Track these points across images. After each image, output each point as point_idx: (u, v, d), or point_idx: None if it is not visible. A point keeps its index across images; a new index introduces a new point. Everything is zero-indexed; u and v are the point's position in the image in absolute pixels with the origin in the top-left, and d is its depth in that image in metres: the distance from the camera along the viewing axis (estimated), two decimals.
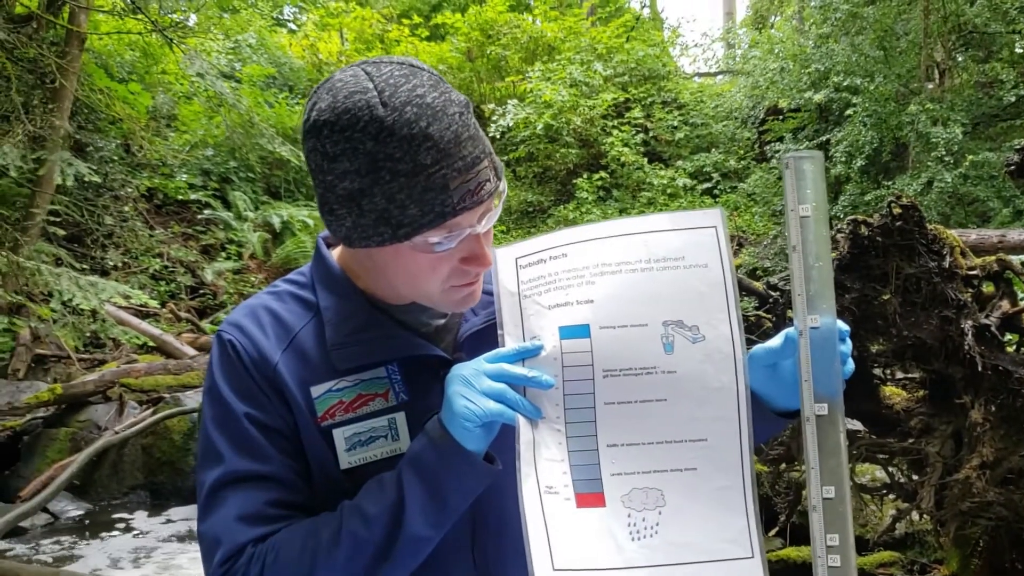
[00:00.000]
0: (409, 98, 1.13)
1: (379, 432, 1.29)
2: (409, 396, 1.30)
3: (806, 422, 1.22)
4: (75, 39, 9.96)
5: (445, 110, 1.15)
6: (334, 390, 1.28)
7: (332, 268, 1.35)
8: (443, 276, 1.23)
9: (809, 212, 1.21)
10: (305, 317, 1.33)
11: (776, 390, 1.34)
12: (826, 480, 1.21)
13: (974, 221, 11.57)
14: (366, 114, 1.12)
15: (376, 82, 1.14)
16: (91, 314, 9.37)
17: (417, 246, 1.19)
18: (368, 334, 1.30)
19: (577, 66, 17.95)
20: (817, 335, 1.22)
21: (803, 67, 14.70)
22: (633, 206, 16.89)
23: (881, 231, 2.96)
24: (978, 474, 3.04)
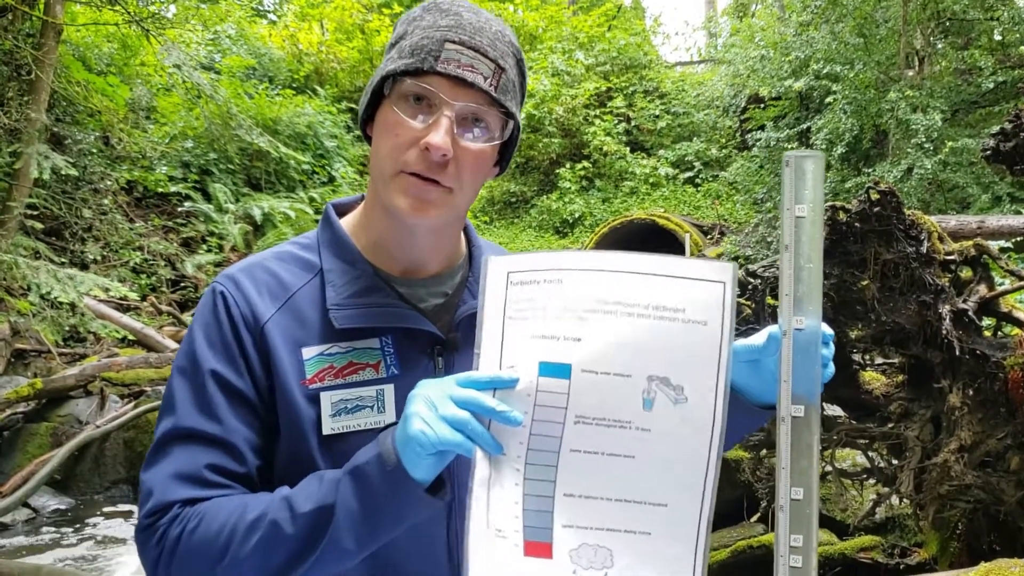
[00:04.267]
0: (468, 5, 1.29)
1: (366, 402, 1.28)
2: (400, 370, 1.30)
3: (781, 422, 1.22)
4: (51, 30, 9.85)
5: (489, 19, 1.29)
6: (326, 354, 1.28)
7: (339, 232, 1.38)
8: (402, 147, 1.24)
9: (805, 213, 1.20)
10: (305, 277, 1.34)
11: (757, 385, 1.36)
12: (795, 481, 1.21)
13: (954, 207, 11.63)
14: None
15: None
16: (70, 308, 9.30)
17: (395, 96, 1.25)
18: (369, 299, 1.31)
19: (559, 55, 17.94)
20: (801, 337, 1.22)
21: (784, 55, 14.73)
22: (616, 195, 16.91)
23: (859, 217, 2.97)
24: (956, 457, 3.06)
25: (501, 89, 1.25)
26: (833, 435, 3.40)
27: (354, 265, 1.34)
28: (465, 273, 1.44)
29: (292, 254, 1.38)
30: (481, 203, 16.82)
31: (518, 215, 17.53)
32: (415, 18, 1.28)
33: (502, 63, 1.25)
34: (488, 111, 1.25)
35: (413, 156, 1.23)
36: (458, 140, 1.24)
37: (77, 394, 8.30)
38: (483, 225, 16.62)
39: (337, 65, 19.40)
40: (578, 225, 16.33)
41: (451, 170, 1.24)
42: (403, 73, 1.23)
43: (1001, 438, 3.03)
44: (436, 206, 1.27)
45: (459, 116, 1.23)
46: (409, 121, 1.23)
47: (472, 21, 1.25)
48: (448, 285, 1.41)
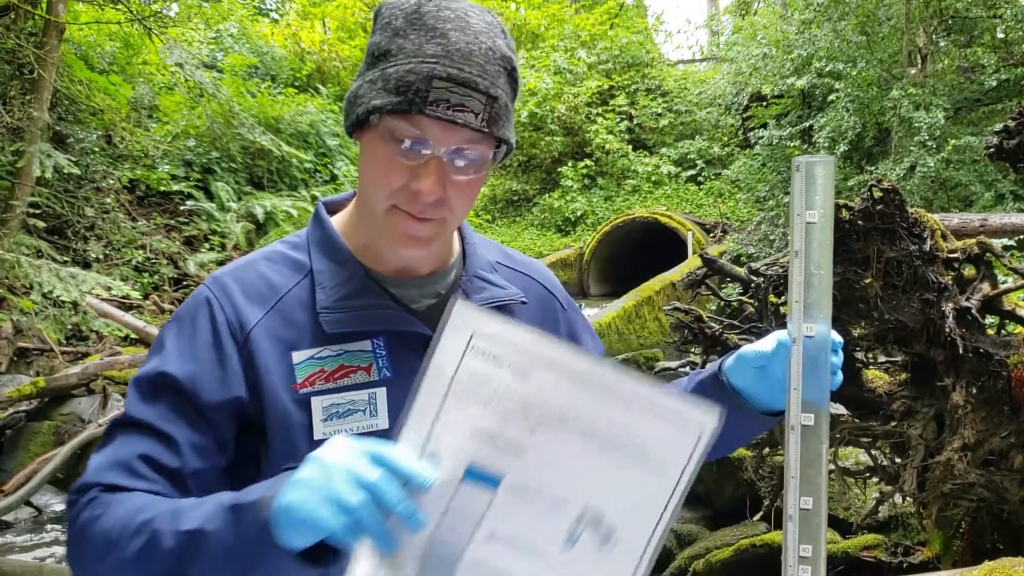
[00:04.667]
0: (456, 8, 1.19)
1: (358, 406, 1.26)
2: (392, 373, 1.27)
3: (791, 430, 1.21)
4: (53, 29, 9.85)
5: (477, 35, 1.19)
6: (316, 358, 1.25)
7: (330, 232, 1.35)
8: (393, 186, 1.20)
9: (816, 219, 1.19)
10: (294, 278, 1.31)
11: (763, 392, 1.35)
12: (804, 491, 1.20)
13: (956, 205, 11.62)
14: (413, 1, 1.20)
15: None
16: (72, 306, 9.31)
17: (382, 132, 1.18)
18: (359, 301, 1.28)
19: (561, 53, 17.93)
20: (811, 344, 1.21)
21: (786, 53, 14.71)
22: (618, 194, 16.91)
23: (862, 215, 2.96)
24: (959, 456, 3.05)
25: (493, 120, 1.19)
26: (836, 433, 3.39)
27: (345, 266, 1.31)
28: (459, 272, 1.41)
29: (282, 254, 1.34)
30: (483, 201, 16.83)
31: (520, 214, 17.52)
32: (398, 33, 1.18)
33: (494, 92, 1.18)
34: (480, 144, 1.20)
35: (403, 197, 1.20)
36: (449, 176, 1.20)
37: (79, 393, 8.29)
38: (485, 223, 16.62)
39: (339, 64, 19.40)
40: (580, 223, 16.33)
41: (443, 204, 1.21)
42: (389, 112, 1.16)
43: (1004, 436, 3.02)
44: (429, 240, 1.26)
45: (450, 153, 1.19)
46: (397, 159, 1.19)
47: (461, 45, 1.16)
48: (441, 285, 1.38)
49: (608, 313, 9.40)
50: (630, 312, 9.71)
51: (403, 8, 1.20)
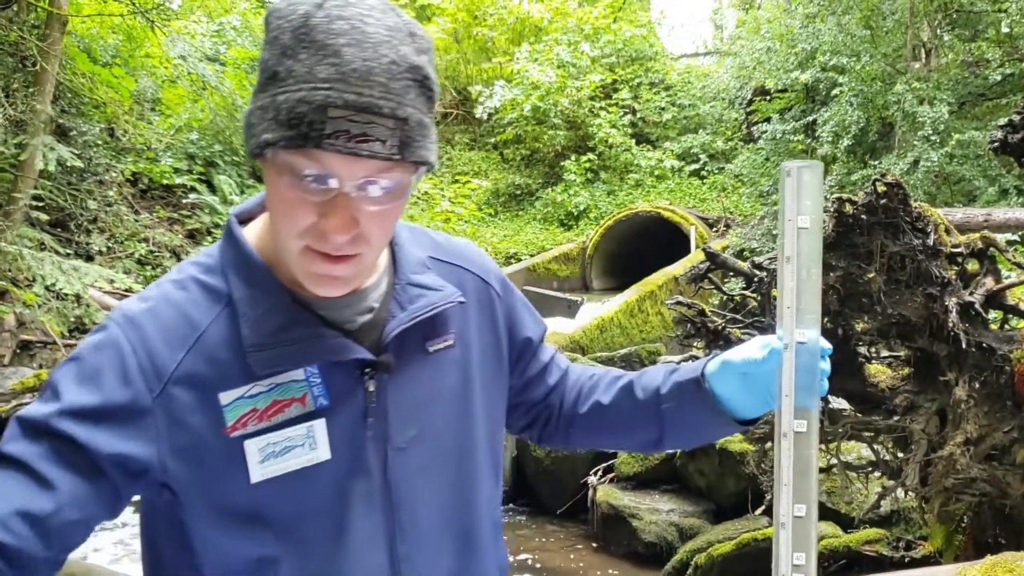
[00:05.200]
0: (350, 16, 1.02)
1: (296, 441, 1.16)
2: (329, 401, 1.17)
3: (783, 438, 1.20)
4: (56, 22, 9.84)
5: (377, 47, 1.02)
6: (247, 397, 1.14)
7: (246, 251, 1.18)
8: (300, 225, 1.06)
9: (808, 224, 1.19)
10: (213, 310, 1.16)
11: (743, 399, 1.34)
12: (798, 498, 1.20)
13: (960, 200, 11.60)
14: (302, 8, 1.02)
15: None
16: (75, 299, 9.32)
17: (280, 166, 1.04)
18: (290, 334, 1.15)
19: (564, 47, 17.90)
20: (803, 350, 1.20)
21: (790, 47, 14.68)
22: (621, 188, 16.90)
23: (866, 209, 2.96)
24: (962, 451, 3.05)
25: (404, 144, 1.04)
26: (838, 428, 3.39)
27: (267, 292, 1.16)
28: (390, 280, 1.28)
29: (196, 281, 1.18)
30: (486, 195, 16.82)
31: (523, 207, 17.51)
32: (287, 52, 1.02)
33: (402, 112, 1.02)
34: (392, 171, 1.06)
35: (313, 236, 1.07)
36: (362, 209, 1.06)
37: None
38: (488, 217, 16.62)
39: None
40: (583, 218, 16.32)
41: (359, 240, 1.08)
42: (283, 147, 1.01)
43: (1007, 431, 3.02)
44: (347, 279, 1.13)
45: (358, 187, 1.05)
46: (302, 196, 1.05)
47: (358, 63, 1.00)
48: (373, 298, 1.25)
49: (611, 307, 9.40)
50: (633, 306, 9.71)
51: (290, 20, 1.03)
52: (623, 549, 5.51)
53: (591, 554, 5.61)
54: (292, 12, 1.03)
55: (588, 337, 8.32)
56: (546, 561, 5.51)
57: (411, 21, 1.09)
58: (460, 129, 19.61)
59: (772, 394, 1.29)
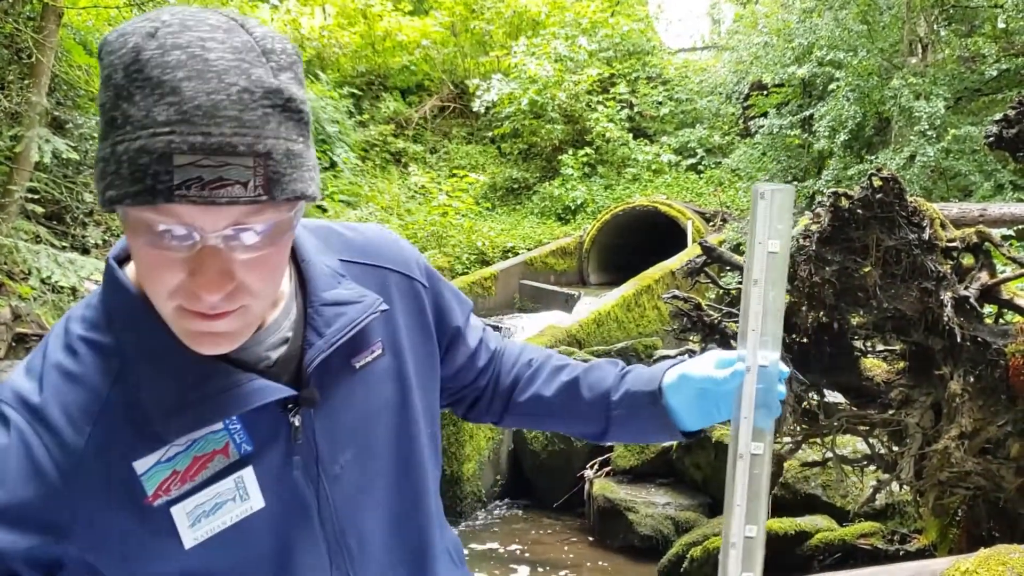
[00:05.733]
0: (188, 44, 0.87)
1: (226, 496, 1.07)
2: (253, 446, 1.09)
3: (739, 459, 1.21)
4: (52, 14, 9.81)
5: (222, 75, 0.87)
6: (164, 461, 1.03)
7: (135, 302, 1.03)
8: (169, 285, 0.93)
9: (778, 249, 1.18)
10: (110, 372, 1.03)
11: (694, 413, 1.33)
12: (750, 519, 1.21)
13: (956, 195, 11.61)
14: (132, 40, 0.88)
15: (173, 17, 0.90)
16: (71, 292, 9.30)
17: (133, 223, 0.91)
18: (201, 391, 1.02)
19: (562, 41, 17.87)
20: (764, 373, 1.21)
21: (787, 42, 14.67)
22: (618, 182, 16.88)
23: (862, 204, 2.97)
24: (957, 444, 3.06)
25: (273, 181, 0.89)
26: (834, 422, 3.40)
27: (164, 348, 1.01)
28: (300, 303, 1.16)
29: (84, 340, 1.05)
30: (483, 189, 16.80)
31: (520, 202, 17.50)
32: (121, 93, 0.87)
33: (262, 147, 0.88)
34: (263, 213, 0.92)
35: (185, 295, 0.94)
36: (235, 259, 0.93)
37: None
38: (485, 211, 16.60)
39: (339, 50, 19.33)
40: (580, 212, 16.31)
41: (238, 292, 0.96)
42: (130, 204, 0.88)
43: (1002, 425, 3.03)
44: (234, 333, 1.00)
45: (224, 238, 0.92)
46: (164, 255, 0.92)
47: (200, 99, 0.86)
48: (285, 327, 1.13)
49: (608, 301, 9.40)
50: (629, 300, 9.71)
51: (120, 55, 0.88)
52: (619, 542, 5.52)
53: (587, 547, 5.63)
54: (122, 46, 0.88)
55: (585, 331, 8.32)
56: (542, 554, 5.52)
57: (267, 34, 0.94)
58: (457, 123, 19.58)
59: (720, 409, 1.29)
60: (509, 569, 5.31)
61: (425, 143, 18.80)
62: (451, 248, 13.90)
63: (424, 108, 19.35)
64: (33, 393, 1.02)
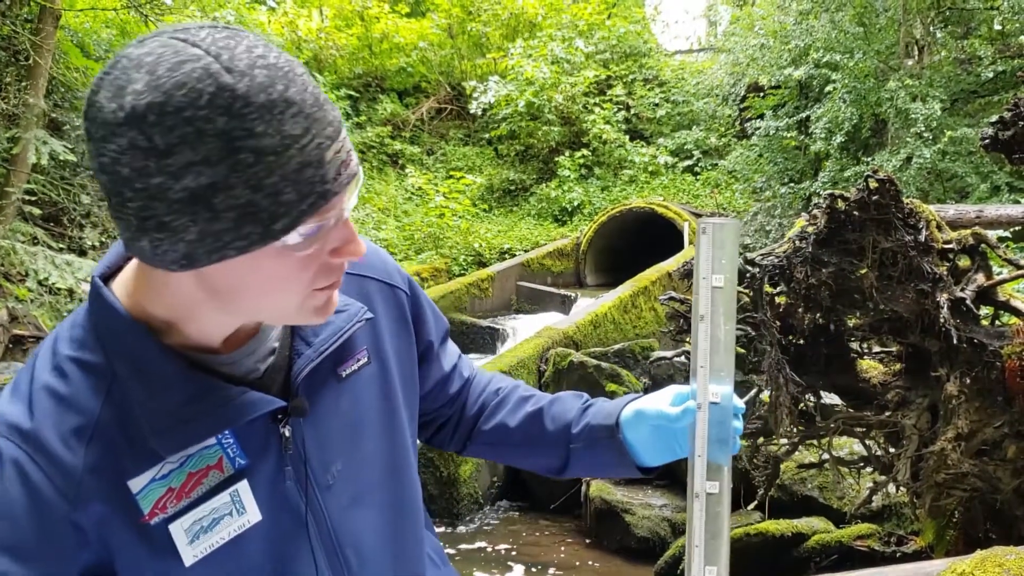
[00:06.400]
0: (252, 61, 0.88)
1: (222, 511, 1.07)
2: (247, 458, 1.09)
3: (695, 498, 1.20)
4: (49, 16, 9.81)
5: (294, 70, 0.92)
6: (158, 479, 1.03)
7: (122, 320, 1.03)
8: (310, 278, 0.99)
9: (722, 283, 1.18)
10: (100, 391, 1.02)
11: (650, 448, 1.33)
12: (709, 560, 1.19)
13: (952, 197, 11.63)
14: (210, 84, 0.85)
15: (205, 47, 0.88)
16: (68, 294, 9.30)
17: (286, 244, 0.94)
18: (194, 407, 1.03)
19: (559, 43, 17.88)
20: (716, 410, 1.20)
21: (783, 44, 14.69)
22: (615, 184, 16.90)
23: (858, 205, 2.97)
24: (953, 446, 3.06)
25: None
26: (830, 423, 3.41)
27: (157, 364, 1.02)
28: None
29: (72, 360, 1.04)
30: (480, 191, 16.81)
31: (517, 203, 17.50)
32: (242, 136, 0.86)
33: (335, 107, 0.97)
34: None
35: (324, 275, 1.00)
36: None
37: None
38: (482, 213, 16.61)
39: (336, 52, 19.34)
40: (577, 213, 16.32)
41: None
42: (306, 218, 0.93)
43: (998, 427, 3.04)
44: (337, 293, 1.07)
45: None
46: (298, 257, 0.96)
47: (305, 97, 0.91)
48: (273, 337, 1.14)
49: (604, 303, 9.40)
50: (626, 302, 9.72)
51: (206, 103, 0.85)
52: (616, 544, 5.52)
53: (584, 549, 5.62)
54: (199, 95, 0.85)
55: (582, 333, 8.32)
56: (539, 556, 5.52)
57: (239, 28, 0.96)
58: (454, 125, 19.58)
59: (680, 447, 1.29)
60: (505, 569, 5.31)
61: (422, 145, 18.81)
62: (448, 250, 13.90)
63: (421, 110, 19.35)
64: (24, 418, 1.00)
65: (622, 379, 6.63)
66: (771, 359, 3.10)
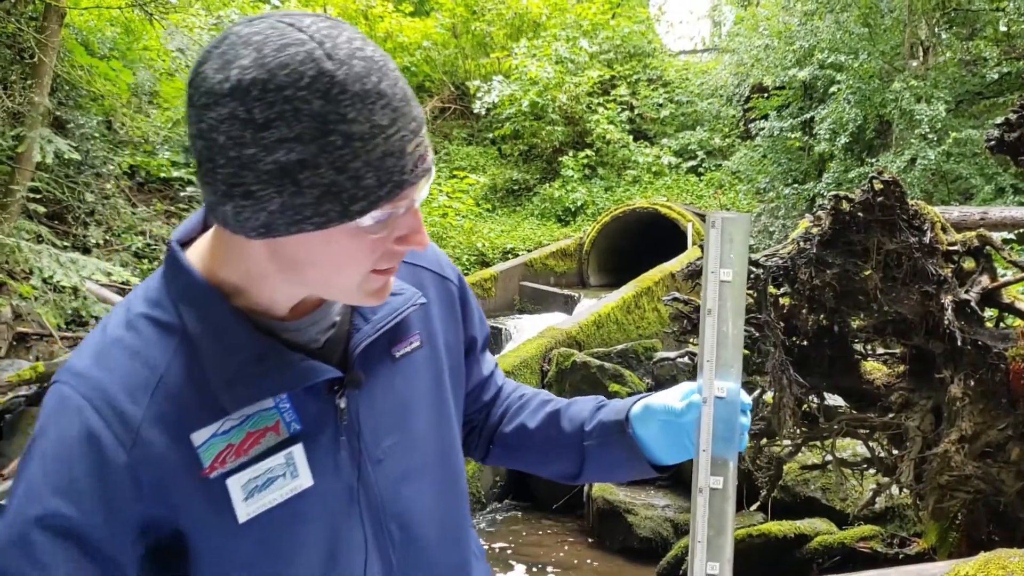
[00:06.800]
0: (351, 51, 0.95)
1: (276, 472, 1.11)
2: (302, 424, 1.14)
3: (699, 493, 1.19)
4: (54, 14, 9.82)
5: (387, 64, 0.98)
6: (220, 434, 1.08)
7: (199, 284, 1.09)
8: (375, 260, 1.05)
9: (730, 277, 1.17)
10: (168, 347, 1.08)
11: (662, 445, 1.33)
12: (712, 556, 1.18)
13: (957, 198, 11.62)
14: (311, 68, 0.92)
15: (310, 33, 0.95)
16: (72, 291, 9.32)
17: (362, 225, 0.99)
18: (258, 367, 1.08)
19: (563, 42, 17.88)
20: (721, 405, 1.19)
21: (788, 44, 14.68)
22: (618, 184, 16.89)
23: (862, 207, 2.97)
24: (957, 448, 3.06)
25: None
26: (834, 425, 3.40)
27: (226, 324, 1.08)
28: None
29: (145, 317, 1.10)
30: (484, 190, 16.80)
31: (520, 203, 17.50)
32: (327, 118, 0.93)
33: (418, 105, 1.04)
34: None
35: (387, 259, 1.06)
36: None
37: None
38: (485, 212, 16.61)
39: None
40: (580, 213, 16.31)
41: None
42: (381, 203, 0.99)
43: (1002, 429, 3.04)
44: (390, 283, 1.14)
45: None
46: (369, 238, 1.02)
47: (396, 91, 0.98)
48: (335, 311, 1.20)
49: (607, 303, 9.40)
50: (629, 302, 9.71)
51: (306, 85, 0.92)
52: (618, 544, 5.53)
53: (586, 549, 5.63)
54: (300, 77, 0.92)
55: (585, 333, 8.32)
56: (541, 556, 5.52)
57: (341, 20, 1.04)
58: (458, 124, 19.59)
59: (689, 442, 1.29)
60: (507, 568, 5.31)
61: None
62: (451, 249, 13.90)
63: (425, 109, 19.34)
64: (90, 368, 1.06)
65: (625, 380, 6.63)
66: (775, 360, 3.10)
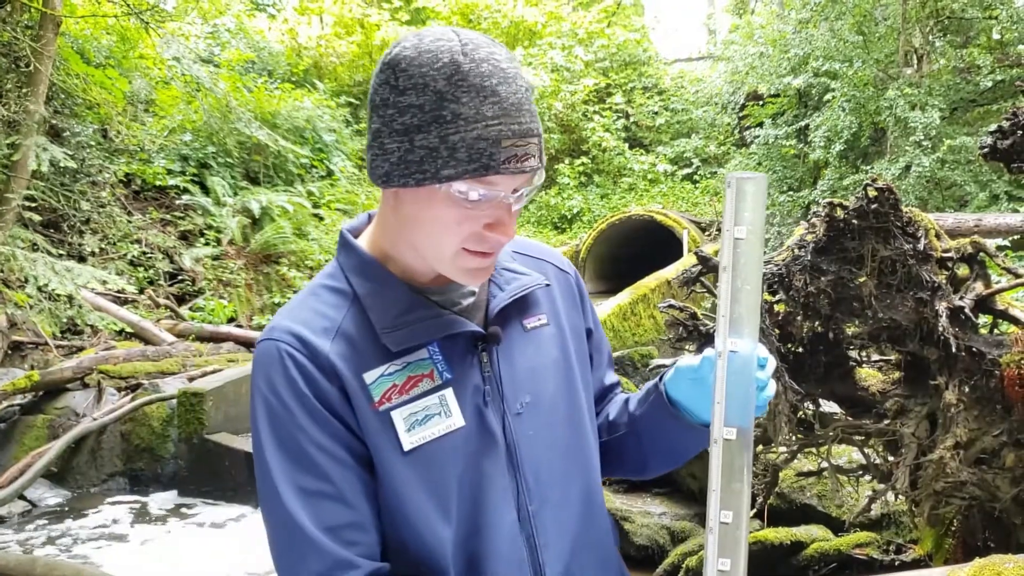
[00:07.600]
0: (487, 57, 1.19)
1: (433, 410, 1.31)
2: (452, 373, 1.34)
3: (714, 444, 1.23)
4: (50, 22, 9.84)
5: (515, 79, 1.20)
6: (386, 375, 1.31)
7: (364, 257, 1.38)
8: (463, 236, 1.24)
9: (744, 234, 1.20)
10: (343, 306, 1.35)
11: (697, 404, 1.43)
12: (725, 504, 1.22)
13: (951, 205, 11.64)
14: (446, 57, 1.17)
15: (461, 37, 1.21)
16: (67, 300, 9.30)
17: (452, 194, 1.20)
18: (413, 315, 1.32)
19: (559, 51, 17.93)
20: (735, 359, 1.22)
21: (783, 52, 14.72)
22: (614, 191, 16.93)
23: (857, 214, 2.97)
24: (952, 454, 3.06)
25: (542, 153, 1.24)
26: (829, 431, 3.40)
27: (387, 286, 1.35)
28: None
29: (324, 287, 1.38)
30: None
31: None
32: (445, 97, 1.17)
33: (539, 129, 1.24)
34: (535, 178, 1.26)
35: (473, 240, 1.25)
36: (512, 211, 1.26)
37: (74, 386, 8.29)
38: None
39: (336, 59, 19.38)
40: (576, 221, 16.34)
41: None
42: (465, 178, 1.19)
43: (997, 435, 3.04)
44: (491, 267, 1.33)
45: (517, 197, 1.25)
46: (469, 214, 1.23)
47: (512, 98, 1.19)
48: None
49: (603, 310, 9.40)
50: (625, 309, 9.72)
51: (437, 68, 1.18)
52: None
53: None
54: (436, 61, 1.18)
55: None
56: None
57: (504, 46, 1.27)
58: None
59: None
60: None
61: None
62: None
63: None
64: (290, 323, 1.32)
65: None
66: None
